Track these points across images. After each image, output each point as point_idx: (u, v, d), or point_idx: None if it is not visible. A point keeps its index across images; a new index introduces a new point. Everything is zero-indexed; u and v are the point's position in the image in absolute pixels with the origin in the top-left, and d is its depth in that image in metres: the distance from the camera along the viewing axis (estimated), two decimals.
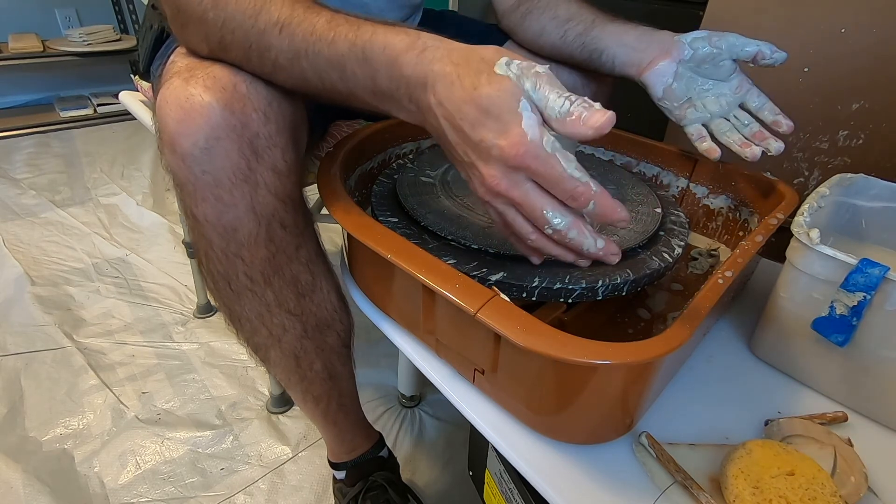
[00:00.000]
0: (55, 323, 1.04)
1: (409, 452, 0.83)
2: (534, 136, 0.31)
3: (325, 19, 0.37)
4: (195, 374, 0.95)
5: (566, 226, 0.34)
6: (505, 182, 0.33)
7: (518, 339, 0.32)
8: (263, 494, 0.76)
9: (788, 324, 0.45)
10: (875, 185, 0.52)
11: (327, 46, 0.36)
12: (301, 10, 0.38)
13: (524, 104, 0.32)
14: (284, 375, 0.54)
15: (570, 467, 0.37)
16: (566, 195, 0.33)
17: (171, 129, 0.37)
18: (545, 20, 0.64)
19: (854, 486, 0.36)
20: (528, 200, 0.33)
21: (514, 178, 0.33)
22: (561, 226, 0.34)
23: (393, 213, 0.50)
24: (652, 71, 0.56)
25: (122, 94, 0.92)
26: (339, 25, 0.37)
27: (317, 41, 0.37)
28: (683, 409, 0.43)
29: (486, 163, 0.33)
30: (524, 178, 0.33)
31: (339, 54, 0.36)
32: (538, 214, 0.34)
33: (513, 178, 0.33)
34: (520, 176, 0.33)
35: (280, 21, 0.37)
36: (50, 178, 1.61)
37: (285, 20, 0.37)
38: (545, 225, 0.34)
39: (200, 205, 0.39)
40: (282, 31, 0.37)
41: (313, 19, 0.37)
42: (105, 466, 0.78)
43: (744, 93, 0.55)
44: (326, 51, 0.37)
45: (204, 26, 0.39)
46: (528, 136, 0.31)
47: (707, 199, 0.62)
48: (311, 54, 0.37)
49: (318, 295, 0.49)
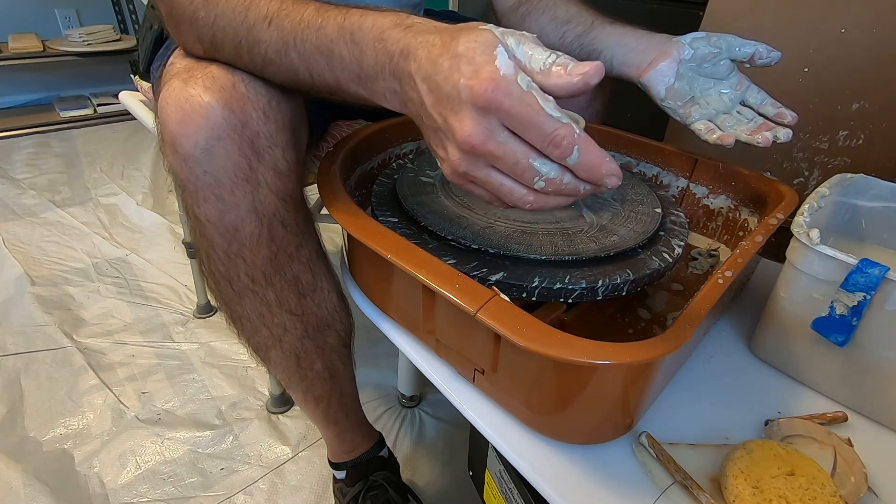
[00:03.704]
0: (55, 323, 1.04)
1: (409, 452, 0.83)
2: (507, 71, 0.29)
3: (313, 8, 0.37)
4: (195, 374, 0.95)
5: (558, 172, 0.31)
6: (478, 133, 0.29)
7: (518, 339, 0.32)
8: (263, 494, 0.76)
9: (788, 324, 0.45)
10: (875, 185, 0.52)
11: (315, 32, 0.36)
12: (290, 3, 0.38)
13: (500, 49, 0.29)
14: (285, 375, 0.55)
15: (570, 467, 0.37)
16: (545, 141, 0.29)
17: (172, 130, 0.37)
18: (544, 21, 0.64)
19: (854, 486, 0.36)
20: (507, 151, 0.30)
21: (487, 127, 0.29)
22: (553, 173, 0.31)
23: (393, 213, 0.50)
24: (653, 72, 0.56)
25: (122, 94, 0.92)
26: (328, 11, 0.36)
27: (305, 28, 0.36)
28: (683, 409, 0.43)
29: (456, 114, 0.30)
30: (499, 126, 0.30)
31: (327, 38, 0.36)
32: (524, 166, 0.30)
33: (485, 125, 0.29)
34: (493, 122, 0.29)
35: (269, 14, 0.37)
36: (50, 178, 1.61)
37: (274, 13, 0.37)
38: (535, 177, 0.31)
39: (202, 205, 0.39)
40: (270, 24, 0.37)
41: (301, 10, 0.37)
42: (105, 466, 0.78)
43: (744, 90, 0.55)
44: (315, 37, 0.36)
45: (195, 26, 0.39)
46: (500, 71, 0.28)
47: (707, 199, 0.62)
48: (300, 42, 0.36)
49: (318, 295, 0.49)
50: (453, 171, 0.33)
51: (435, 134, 0.33)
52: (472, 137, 0.30)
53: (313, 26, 0.36)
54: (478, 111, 0.29)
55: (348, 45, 0.35)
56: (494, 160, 0.31)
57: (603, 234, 0.47)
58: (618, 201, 0.53)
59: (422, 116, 0.34)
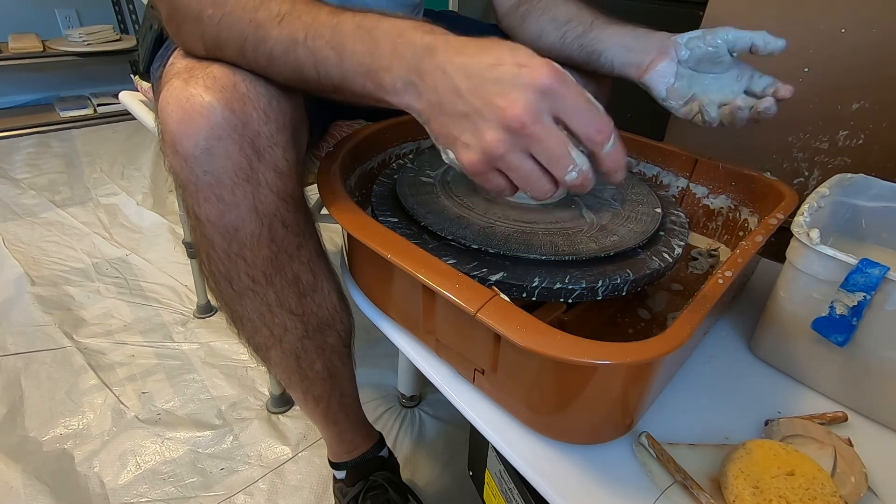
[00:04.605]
0: (55, 323, 1.04)
1: (409, 452, 0.83)
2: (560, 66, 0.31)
3: (327, 11, 0.38)
4: (195, 374, 0.95)
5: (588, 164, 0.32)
6: (530, 112, 0.30)
7: (518, 339, 0.32)
8: (263, 494, 0.76)
9: (788, 324, 0.45)
10: (875, 185, 0.52)
11: (330, 29, 0.36)
12: (302, 4, 0.38)
13: None
14: (285, 375, 0.55)
15: (570, 467, 0.37)
16: (593, 127, 0.31)
17: (173, 130, 0.37)
18: (544, 21, 0.64)
19: (854, 486, 0.36)
20: (551, 135, 0.30)
21: (539, 108, 0.30)
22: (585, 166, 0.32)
23: (393, 213, 0.50)
24: (653, 72, 0.56)
25: (122, 94, 0.92)
26: (344, 13, 0.37)
27: (319, 26, 0.37)
28: (683, 409, 0.43)
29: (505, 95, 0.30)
30: (547, 111, 0.31)
31: (342, 35, 0.36)
32: (562, 152, 0.31)
33: (537, 107, 0.30)
34: (544, 105, 0.30)
35: (281, 13, 0.38)
36: (50, 178, 1.61)
37: (286, 12, 0.38)
38: (569, 167, 0.31)
39: (202, 205, 0.39)
40: (281, 22, 0.37)
41: (315, 11, 0.38)
42: (105, 466, 0.78)
43: (746, 79, 0.54)
44: (329, 34, 0.36)
45: (200, 24, 0.39)
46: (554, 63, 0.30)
47: (707, 199, 0.62)
48: (310, 39, 0.37)
49: (319, 294, 0.49)
50: (486, 153, 0.32)
51: (462, 120, 0.33)
52: (525, 115, 0.30)
53: (328, 24, 0.37)
54: (533, 92, 0.30)
55: (364, 41, 0.36)
56: (536, 143, 0.31)
57: (603, 234, 0.47)
58: (618, 201, 0.53)
59: (443, 104, 0.33)
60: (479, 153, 0.33)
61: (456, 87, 0.32)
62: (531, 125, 0.30)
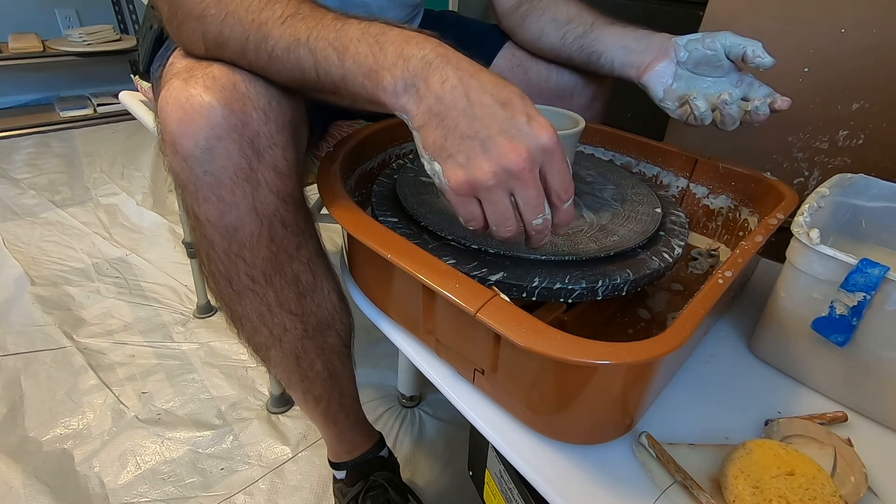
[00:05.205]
0: (55, 323, 1.04)
1: (409, 452, 0.83)
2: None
3: (332, 15, 0.38)
4: (195, 374, 0.95)
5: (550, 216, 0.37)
6: (529, 161, 0.33)
7: (518, 339, 0.32)
8: (263, 494, 0.76)
9: (788, 324, 0.45)
10: (875, 185, 0.52)
11: (335, 31, 0.37)
12: (307, 7, 0.38)
13: None
14: (285, 375, 0.55)
15: (570, 467, 0.37)
16: (562, 187, 0.35)
17: (172, 129, 0.37)
18: (544, 22, 0.64)
19: (854, 486, 0.36)
20: (535, 185, 0.34)
21: (535, 160, 0.34)
22: (549, 215, 0.36)
23: (393, 213, 0.50)
24: (652, 73, 0.56)
25: (122, 94, 0.92)
26: (349, 18, 0.38)
27: (323, 28, 0.37)
28: (683, 409, 0.43)
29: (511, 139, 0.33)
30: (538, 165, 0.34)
31: (347, 37, 0.36)
32: (539, 202, 0.35)
33: (534, 159, 0.34)
34: (538, 159, 0.34)
35: (285, 14, 0.38)
36: (50, 178, 1.61)
37: (291, 13, 0.38)
38: (539, 213, 0.35)
39: (202, 205, 0.39)
40: (285, 22, 0.37)
41: (320, 15, 0.38)
42: (105, 466, 0.78)
43: (745, 86, 0.54)
44: (333, 35, 0.37)
45: (202, 23, 0.39)
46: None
47: (707, 199, 0.62)
48: (313, 39, 0.37)
49: (318, 294, 0.49)
50: (476, 180, 0.34)
51: (463, 140, 0.34)
52: (524, 163, 0.33)
53: (332, 27, 0.37)
54: (536, 146, 0.33)
55: (369, 44, 0.36)
56: (522, 188, 0.34)
57: (603, 234, 0.47)
58: (618, 201, 0.53)
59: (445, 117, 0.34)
60: (470, 177, 0.34)
61: (465, 109, 0.34)
62: (525, 173, 0.33)
